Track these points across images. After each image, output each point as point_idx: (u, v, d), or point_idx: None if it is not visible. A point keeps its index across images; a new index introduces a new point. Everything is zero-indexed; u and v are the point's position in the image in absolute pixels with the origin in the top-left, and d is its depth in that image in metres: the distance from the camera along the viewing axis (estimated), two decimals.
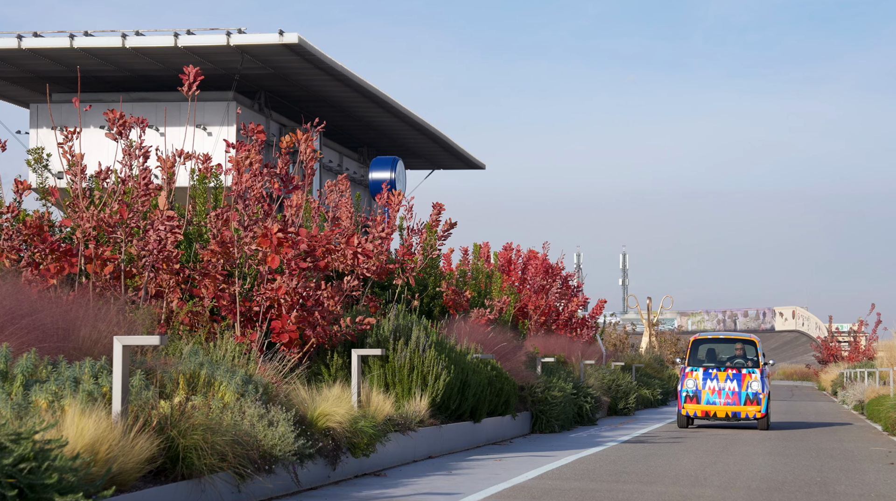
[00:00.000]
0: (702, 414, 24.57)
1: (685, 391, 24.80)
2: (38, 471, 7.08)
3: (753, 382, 24.46)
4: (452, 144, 44.50)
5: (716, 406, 24.48)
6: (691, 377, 24.82)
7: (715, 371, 24.71)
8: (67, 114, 33.10)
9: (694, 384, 24.70)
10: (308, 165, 16.05)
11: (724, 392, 24.52)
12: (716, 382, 24.60)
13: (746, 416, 24.35)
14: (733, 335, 26.50)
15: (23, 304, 10.93)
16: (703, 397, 24.57)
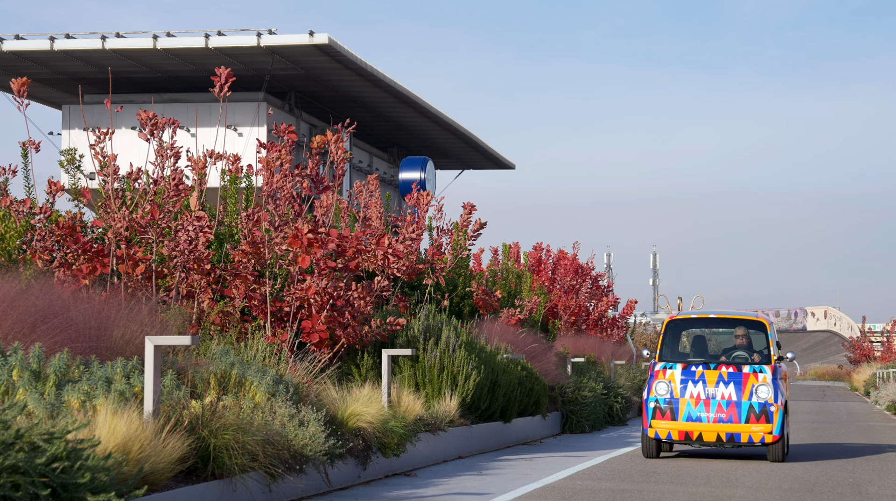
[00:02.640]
0: (680, 437, 15.97)
1: (653, 401, 16.11)
2: (70, 471, 7.12)
3: (761, 386, 15.90)
4: (482, 144, 44.48)
5: (701, 425, 15.88)
6: (663, 378, 16.16)
7: (701, 369, 16.18)
8: (99, 115, 33.27)
9: (667, 390, 16.02)
10: (339, 165, 16.08)
11: (714, 403, 15.89)
12: (702, 386, 16.00)
13: (750, 440, 15.76)
14: (731, 313, 17.43)
15: (55, 304, 10.99)
16: (682, 410, 15.96)
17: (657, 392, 16.15)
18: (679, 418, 15.97)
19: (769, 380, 16.06)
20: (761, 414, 15.79)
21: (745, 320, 17.29)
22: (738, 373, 16.15)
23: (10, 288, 10.86)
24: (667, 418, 16.01)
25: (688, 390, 16.07)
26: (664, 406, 16.04)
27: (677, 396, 16.06)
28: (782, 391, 16.21)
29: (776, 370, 16.34)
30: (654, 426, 16.06)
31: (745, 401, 15.90)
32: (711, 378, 16.10)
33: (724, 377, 16.10)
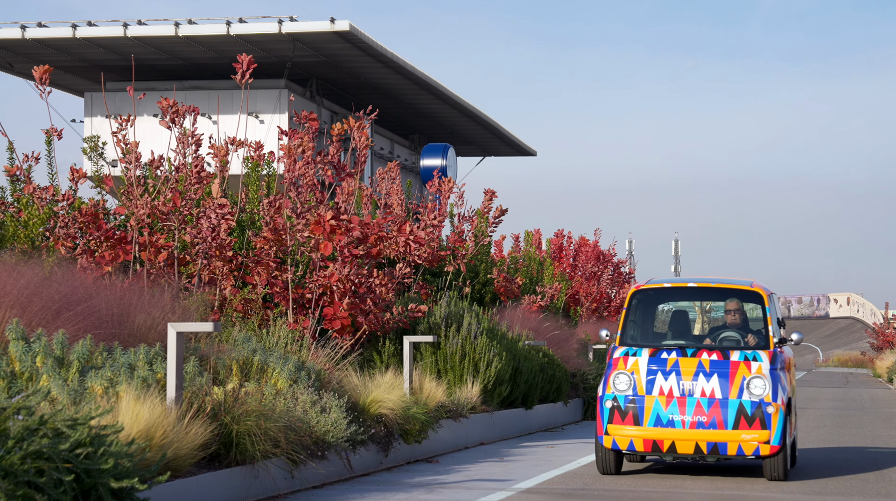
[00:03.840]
0: (645, 447, 12.12)
1: (610, 399, 12.26)
2: (93, 456, 7.15)
3: (756, 379, 12.11)
4: (503, 131, 44.43)
5: (675, 431, 12.03)
6: (624, 368, 12.37)
7: (674, 357, 12.37)
8: (121, 102, 33.35)
9: (629, 385, 12.24)
10: (361, 152, 16.09)
11: (691, 401, 12.06)
12: (675, 379, 12.20)
13: (740, 451, 11.94)
14: (717, 280, 13.41)
15: (78, 291, 11.03)
16: (649, 411, 12.12)
17: (616, 388, 12.12)
18: (644, 422, 11.95)
19: (766, 370, 12.08)
20: (755, 417, 11.81)
21: (734, 290, 13.08)
22: (724, 361, 12.17)
23: (34, 275, 10.91)
24: (628, 422, 11.99)
25: (657, 384, 12.07)
26: (625, 407, 12.03)
27: (642, 392, 12.06)
28: (784, 385, 12.18)
29: (776, 356, 12.34)
30: (612, 432, 12.04)
31: (734, 399, 11.91)
32: (688, 369, 12.11)
33: (706, 366, 12.13)
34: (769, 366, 12.22)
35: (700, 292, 13.57)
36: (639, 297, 13.14)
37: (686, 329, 13.28)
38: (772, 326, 12.69)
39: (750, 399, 11.97)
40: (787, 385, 12.48)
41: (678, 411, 12.01)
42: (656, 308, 13.46)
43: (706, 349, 12.43)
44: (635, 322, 13.03)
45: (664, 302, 13.81)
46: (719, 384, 12.06)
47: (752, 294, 13.06)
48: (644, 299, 13.15)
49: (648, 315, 13.18)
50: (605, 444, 12.24)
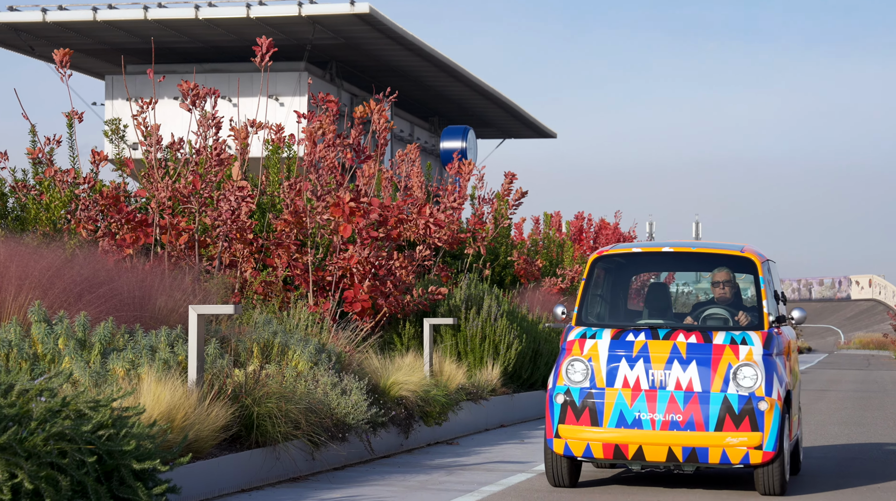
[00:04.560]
0: (606, 453, 9.80)
1: (562, 393, 9.89)
2: (116, 438, 7.19)
3: (745, 367, 9.76)
4: (524, 113, 44.35)
5: (643, 434, 9.71)
6: (579, 353, 10.00)
7: (642, 339, 9.98)
8: (142, 85, 33.41)
9: (586, 374, 9.88)
10: (381, 135, 16.09)
11: (664, 396, 9.73)
12: (643, 368, 9.83)
13: (724, 458, 9.64)
14: (698, 245, 11.14)
15: (100, 273, 11.09)
16: (610, 408, 9.77)
17: (569, 378, 9.79)
18: (604, 422, 9.61)
19: (758, 356, 9.71)
20: (743, 415, 9.49)
21: (720, 256, 10.68)
22: (705, 345, 9.77)
23: (55, 257, 10.96)
24: (584, 421, 9.66)
25: (620, 374, 9.71)
26: (580, 402, 9.68)
27: (602, 384, 9.70)
28: (781, 375, 9.86)
29: (771, 339, 9.93)
30: (565, 435, 9.72)
31: (717, 393, 9.56)
32: (660, 354, 9.73)
33: (682, 351, 9.72)
34: (762, 351, 9.72)
35: (678, 260, 11.27)
36: (602, 265, 10.66)
37: (665, 306, 10.76)
38: (767, 301, 10.14)
39: (737, 393, 9.53)
40: (786, 375, 10.03)
41: (647, 408, 9.56)
42: (627, 281, 11.08)
43: (683, 329, 9.91)
44: (599, 297, 10.61)
45: (637, 272, 11.83)
46: (699, 373, 9.60)
47: (743, 261, 10.50)
48: (609, 268, 10.79)
49: (617, 289, 10.80)
50: (555, 449, 9.78)
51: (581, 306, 10.36)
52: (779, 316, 10.27)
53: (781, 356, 10.17)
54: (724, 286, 10.70)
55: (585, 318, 10.35)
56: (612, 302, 10.79)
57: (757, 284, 10.34)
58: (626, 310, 10.97)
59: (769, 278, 10.53)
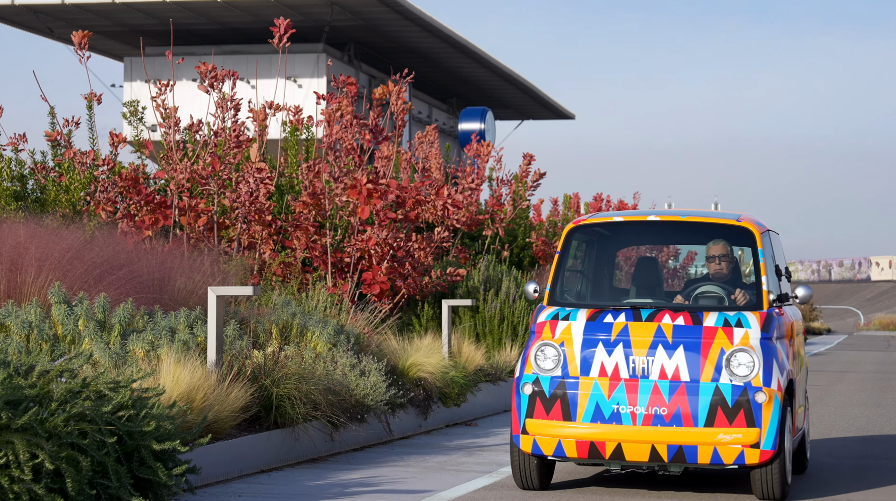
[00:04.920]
0: (580, 452, 8.60)
1: (530, 382, 8.66)
2: (135, 419, 7.22)
3: (739, 353, 8.55)
4: (542, 94, 44.26)
5: (622, 429, 8.50)
6: (550, 337, 8.79)
7: (622, 320, 8.75)
8: (160, 67, 33.44)
9: (557, 361, 8.68)
10: (399, 116, 16.08)
11: (646, 386, 8.52)
12: (623, 353, 8.63)
13: (716, 458, 8.44)
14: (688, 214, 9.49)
15: (119, 255, 11.12)
16: (585, 398, 8.57)
17: (538, 366, 8.62)
18: (578, 416, 8.46)
19: (755, 340, 8.55)
20: (738, 408, 8.34)
21: (713, 226, 9.39)
22: (694, 328, 8.60)
23: (75, 239, 11.00)
24: (555, 415, 8.51)
25: (596, 360, 8.54)
26: (551, 393, 8.52)
27: (575, 373, 8.54)
28: (782, 361, 8.69)
29: (771, 320, 8.74)
30: (534, 430, 8.55)
31: (707, 382, 8.41)
32: (642, 337, 8.58)
33: (667, 334, 8.57)
34: (760, 334, 8.57)
35: (665, 231, 9.85)
36: (579, 237, 9.49)
37: (655, 284, 9.55)
38: (766, 276, 8.92)
39: (731, 383, 8.37)
40: (788, 361, 8.85)
41: (626, 399, 8.41)
42: (611, 255, 9.86)
43: (669, 309, 8.69)
44: (579, 273, 9.52)
45: (621, 245, 10.50)
46: (686, 360, 8.44)
47: (739, 232, 9.27)
48: (588, 240, 9.62)
49: (600, 264, 9.63)
50: (522, 447, 8.60)
51: (554, 283, 9.05)
52: (780, 294, 9.06)
53: (783, 339, 8.94)
54: (719, 261, 9.37)
55: (559, 296, 9.02)
56: (592, 279, 9.56)
57: (755, 257, 9.04)
58: (611, 289, 9.73)
59: (770, 252, 9.28)
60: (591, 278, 9.57)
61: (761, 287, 8.91)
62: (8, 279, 10.26)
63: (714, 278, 9.40)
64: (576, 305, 8.92)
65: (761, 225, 9.42)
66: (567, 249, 9.31)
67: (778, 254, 9.77)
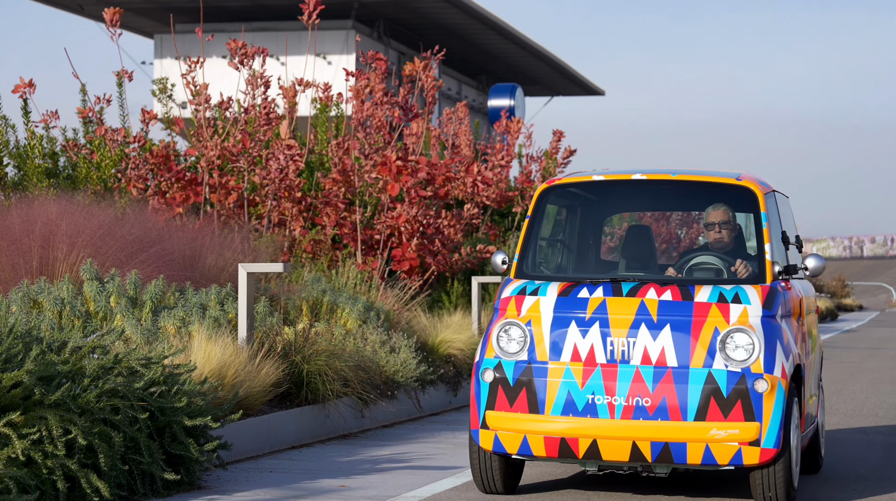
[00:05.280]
0: (549, 449, 7.29)
1: (491, 366, 7.42)
2: (167, 395, 7.26)
3: (736, 334, 7.28)
4: (571, 71, 44.11)
5: (598, 424, 7.22)
6: (515, 315, 7.56)
7: (599, 296, 7.51)
8: (190, 44, 33.49)
9: (523, 343, 7.45)
10: (429, 93, 16.06)
11: (626, 372, 7.27)
12: (599, 333, 7.38)
13: (708, 458, 7.16)
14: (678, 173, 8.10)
15: (150, 232, 11.17)
16: (555, 387, 7.30)
17: (501, 348, 7.46)
18: (547, 407, 7.27)
19: (755, 319, 7.36)
20: (734, 399, 7.14)
21: (708, 186, 8.19)
22: (684, 304, 7.41)
23: (106, 216, 11.05)
24: (520, 407, 7.32)
25: (569, 342, 7.37)
26: (515, 380, 7.34)
27: (544, 356, 7.37)
28: (788, 344, 7.49)
29: (775, 295, 7.54)
30: (495, 424, 7.38)
31: (699, 368, 7.21)
32: (622, 315, 7.40)
33: (652, 312, 7.39)
34: (761, 311, 7.36)
35: (654, 193, 8.52)
36: (556, 201, 8.35)
37: (648, 256, 8.30)
38: (770, 244, 7.72)
39: (726, 369, 7.17)
40: (795, 343, 7.67)
41: (603, 388, 7.20)
42: (596, 223, 8.67)
43: (655, 283, 7.52)
44: (560, 244, 8.45)
45: (606, 210, 9.16)
46: (674, 341, 7.25)
47: (738, 193, 8.04)
48: (569, 205, 8.50)
49: (585, 233, 8.50)
50: (482, 444, 7.40)
51: (523, 253, 7.85)
52: (787, 266, 7.79)
53: (789, 318, 7.69)
54: (720, 229, 8.12)
55: (529, 268, 7.83)
56: (577, 251, 8.44)
57: (757, 222, 7.80)
58: (597, 262, 8.56)
59: (775, 215, 8.10)
60: (576, 249, 8.43)
61: (764, 257, 7.66)
62: (40, 256, 10.33)
63: (713, 247, 8.14)
64: (547, 278, 7.71)
65: (766, 185, 8.14)
66: (539, 214, 8.04)
67: (786, 219, 8.51)
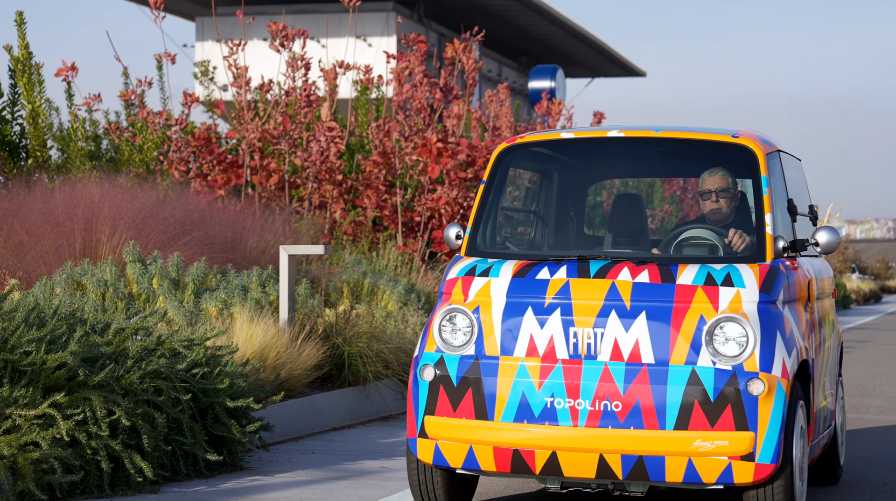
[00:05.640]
0: (499, 463, 5.94)
1: (431, 362, 6.06)
2: (210, 376, 7.30)
3: (728, 323, 5.87)
4: (613, 52, 43.92)
5: (557, 432, 5.84)
6: (461, 300, 6.18)
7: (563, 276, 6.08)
8: (231, 27, 33.59)
9: (470, 332, 6.06)
10: (469, 75, 16.03)
11: (592, 372, 5.89)
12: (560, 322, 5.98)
13: (692, 474, 5.80)
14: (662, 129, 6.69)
15: (192, 214, 11.22)
16: (506, 388, 5.93)
17: (443, 340, 6.16)
18: (498, 412, 6.00)
19: (751, 305, 6.03)
20: (723, 403, 5.84)
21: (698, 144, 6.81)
22: (663, 287, 6.07)
23: (148, 199, 11.11)
24: (466, 412, 6.05)
25: (524, 333, 6.07)
26: (460, 379, 6.06)
27: (494, 350, 6.08)
28: (792, 336, 6.15)
29: (776, 276, 6.18)
30: (435, 433, 6.09)
31: (680, 366, 5.91)
32: (589, 302, 6.08)
33: (624, 297, 6.06)
34: (758, 296, 5.99)
35: (636, 154, 7.10)
36: (519, 163, 7.10)
37: (638, 230, 7.00)
38: (773, 215, 6.33)
39: (714, 366, 5.83)
40: (801, 334, 6.27)
41: (565, 390, 5.88)
42: (575, 192, 7.40)
43: (630, 261, 6.14)
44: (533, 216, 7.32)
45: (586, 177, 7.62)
46: (650, 333, 5.90)
47: (735, 153, 6.63)
48: (536, 168, 7.42)
49: (563, 204, 7.26)
50: (421, 455, 6.10)
51: (476, 225, 6.49)
52: (794, 241, 6.43)
53: (794, 304, 6.31)
54: (717, 198, 6.76)
55: (483, 244, 6.45)
56: (548, 223, 7.24)
57: (756, 187, 6.38)
58: (579, 237, 7.34)
59: (780, 180, 6.69)
60: (553, 222, 7.21)
61: (764, 229, 6.27)
62: (83, 239, 10.40)
63: (710, 220, 6.76)
64: (503, 255, 6.35)
65: (768, 144, 6.69)
66: (497, 178, 6.67)
67: (796, 186, 7.16)
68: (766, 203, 6.36)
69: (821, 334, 6.92)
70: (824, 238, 6.48)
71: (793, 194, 6.95)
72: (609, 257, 6.25)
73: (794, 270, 6.46)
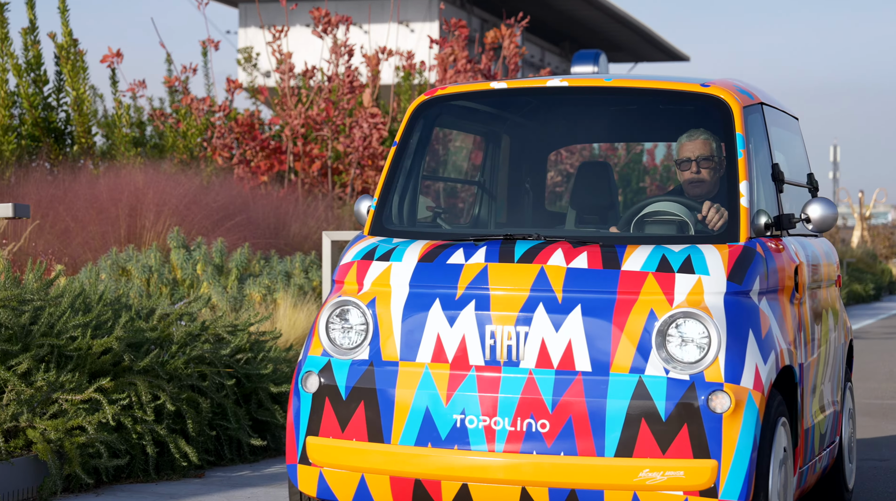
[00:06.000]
0: (399, 496, 4.63)
1: (315, 369, 4.73)
2: (253, 362, 7.34)
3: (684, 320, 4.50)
4: (656, 36, 43.70)
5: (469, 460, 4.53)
6: (354, 291, 4.84)
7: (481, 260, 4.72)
8: (274, 13, 33.66)
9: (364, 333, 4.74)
10: (511, 60, 16.00)
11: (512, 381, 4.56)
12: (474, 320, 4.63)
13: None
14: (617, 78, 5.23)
15: (236, 200, 11.28)
16: (406, 403, 4.62)
17: (332, 341, 4.82)
18: (396, 433, 4.67)
19: (714, 298, 4.62)
20: (677, 423, 4.46)
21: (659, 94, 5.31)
22: (603, 274, 4.67)
23: (192, 185, 11.17)
24: (356, 432, 4.71)
25: (429, 332, 4.71)
26: (350, 391, 4.73)
27: (393, 354, 4.74)
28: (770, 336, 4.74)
29: (751, 259, 4.77)
30: (318, 459, 4.76)
31: (623, 375, 4.55)
32: (510, 292, 4.70)
33: (555, 287, 4.65)
34: (725, 286, 4.68)
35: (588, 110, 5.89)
36: (442, 119, 5.64)
37: (607, 204, 5.76)
38: (749, 183, 4.98)
39: (666, 376, 4.56)
40: (785, 335, 4.94)
41: (479, 405, 4.64)
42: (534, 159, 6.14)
43: (566, 242, 4.82)
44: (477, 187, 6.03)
45: (542, 143, 6.23)
46: (587, 332, 4.62)
47: (703, 106, 5.31)
48: (472, 128, 6.29)
49: (514, 172, 6.01)
50: (302, 486, 4.87)
51: (384, 197, 5.21)
52: (779, 216, 5.14)
53: (776, 295, 4.96)
54: (697, 166, 5.41)
55: (389, 220, 5.20)
56: (495, 197, 5.98)
57: (730, 147, 5.05)
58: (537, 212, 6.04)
59: (762, 140, 5.31)
60: (505, 198, 5.97)
61: (738, 201, 4.92)
62: (128, 224, 10.47)
63: (690, 194, 5.43)
64: (411, 234, 5.07)
65: (748, 94, 5.33)
66: (412, 139, 5.33)
67: (787, 148, 5.83)
68: (742, 168, 4.95)
69: (816, 331, 5.49)
70: (817, 213, 5.12)
71: (785, 158, 5.61)
72: (543, 236, 4.87)
73: (776, 252, 5.02)
